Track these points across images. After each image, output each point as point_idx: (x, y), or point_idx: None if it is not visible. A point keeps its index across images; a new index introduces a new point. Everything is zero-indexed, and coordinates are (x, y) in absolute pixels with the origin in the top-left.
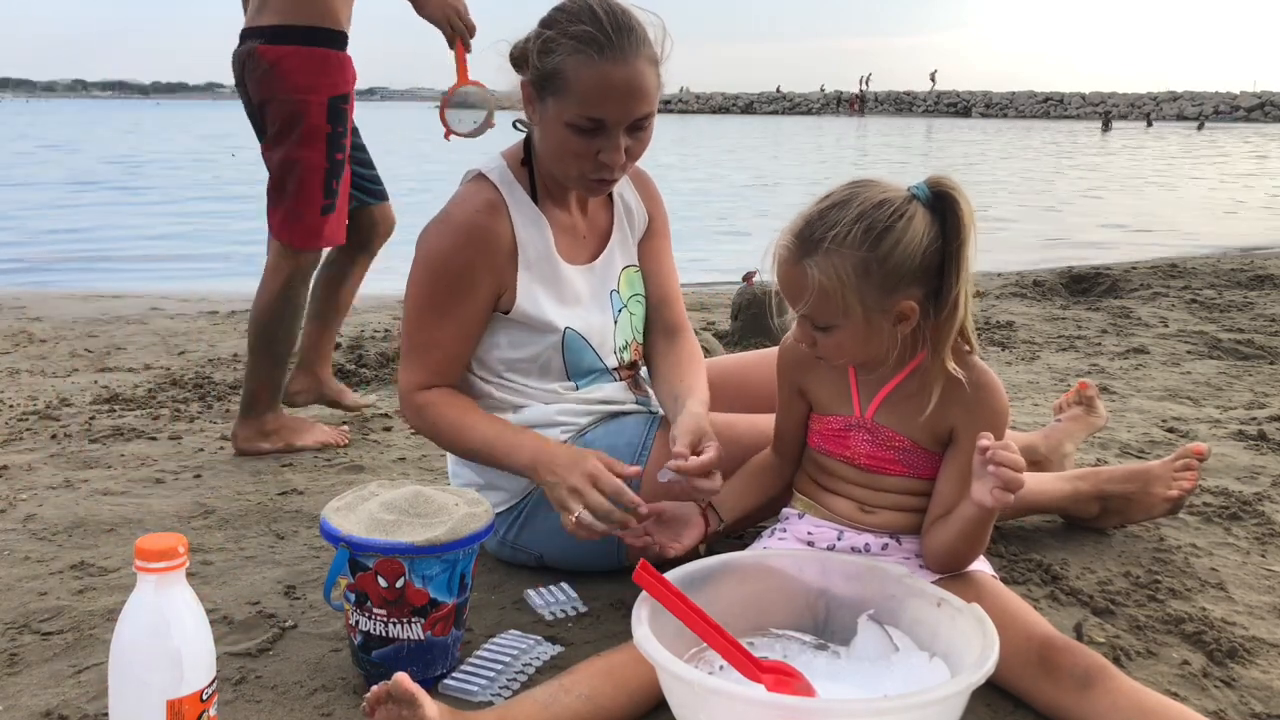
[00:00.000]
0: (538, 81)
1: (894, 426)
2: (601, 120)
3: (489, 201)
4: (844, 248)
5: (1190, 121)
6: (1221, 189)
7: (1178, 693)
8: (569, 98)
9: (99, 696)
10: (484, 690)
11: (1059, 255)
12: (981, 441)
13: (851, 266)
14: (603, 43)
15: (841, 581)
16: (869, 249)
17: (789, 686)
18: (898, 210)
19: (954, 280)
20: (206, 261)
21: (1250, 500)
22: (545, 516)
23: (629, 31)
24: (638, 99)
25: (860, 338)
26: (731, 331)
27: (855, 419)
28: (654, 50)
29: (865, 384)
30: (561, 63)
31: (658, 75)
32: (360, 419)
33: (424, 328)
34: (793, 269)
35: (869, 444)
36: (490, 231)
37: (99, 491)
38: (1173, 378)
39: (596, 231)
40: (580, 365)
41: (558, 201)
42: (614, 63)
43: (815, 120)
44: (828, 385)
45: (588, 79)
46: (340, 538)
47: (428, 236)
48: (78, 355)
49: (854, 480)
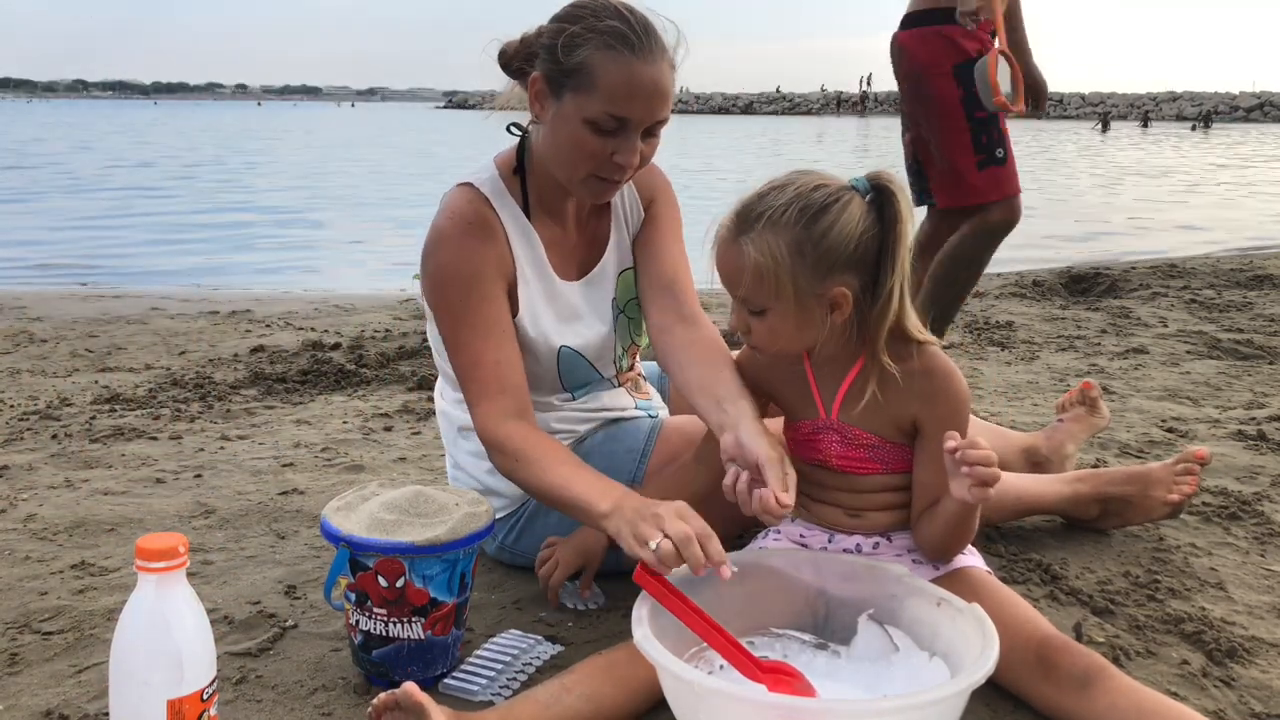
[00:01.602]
0: (556, 76)
1: (859, 424)
2: (625, 119)
3: (479, 213)
4: (779, 226)
5: (1190, 122)
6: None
7: (1177, 692)
8: (594, 94)
9: (99, 696)
10: (484, 690)
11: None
12: (948, 443)
13: (785, 244)
14: (634, 41)
15: (841, 581)
16: (803, 228)
17: (789, 686)
18: (834, 195)
19: (888, 272)
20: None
21: (1250, 500)
22: (544, 522)
23: (655, 33)
24: (662, 100)
25: (792, 322)
26: (732, 332)
27: (822, 421)
28: (673, 55)
29: (825, 384)
30: (589, 57)
31: (674, 81)
32: (361, 418)
33: (461, 348)
34: (729, 248)
35: (839, 444)
36: (488, 228)
37: (99, 491)
38: (1172, 378)
39: (590, 241)
40: (574, 379)
41: (551, 212)
42: (645, 61)
43: (817, 120)
44: (791, 389)
45: (617, 75)
46: (341, 537)
47: (426, 254)
48: (78, 355)
49: (834, 485)
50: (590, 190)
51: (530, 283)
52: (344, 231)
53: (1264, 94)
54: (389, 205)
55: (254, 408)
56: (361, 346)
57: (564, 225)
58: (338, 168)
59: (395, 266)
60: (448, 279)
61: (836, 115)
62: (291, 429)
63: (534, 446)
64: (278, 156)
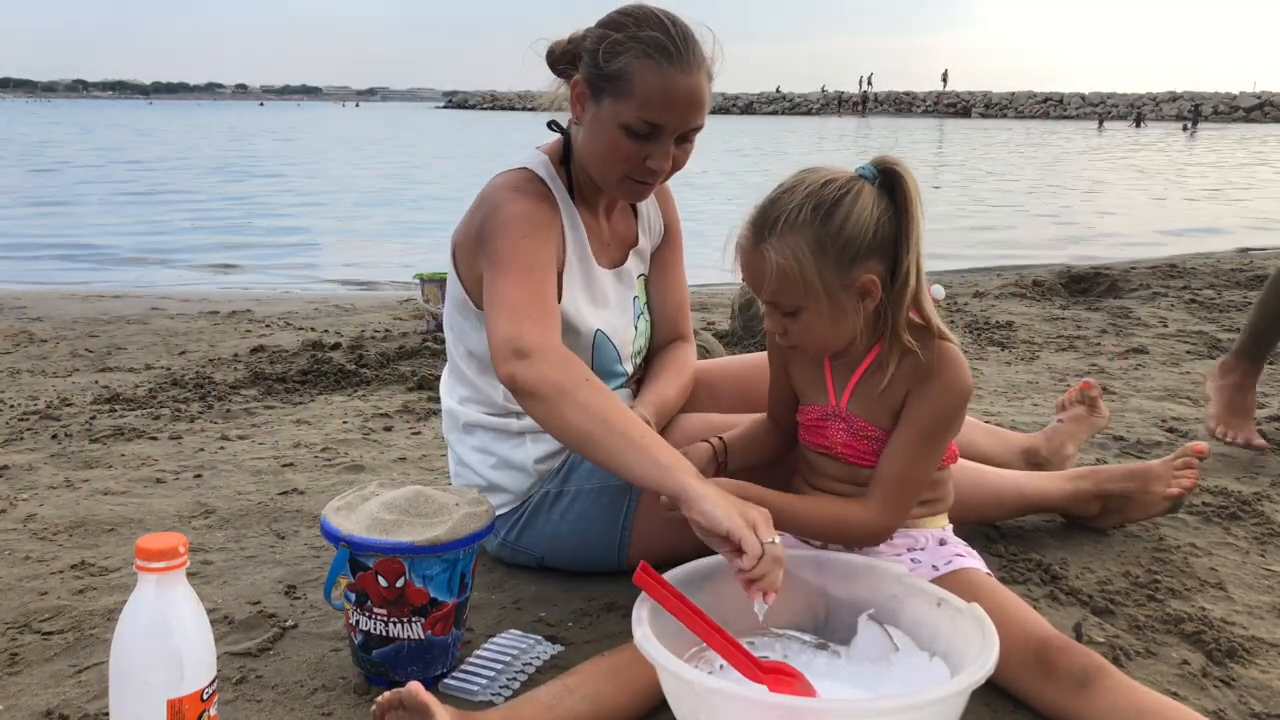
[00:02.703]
0: (596, 81)
1: (865, 416)
2: (660, 126)
3: (541, 191)
4: (796, 227)
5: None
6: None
7: (1177, 692)
8: (630, 100)
9: (99, 696)
10: (484, 690)
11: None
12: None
13: (805, 244)
14: (672, 52)
15: (841, 581)
16: (820, 225)
17: (790, 687)
18: (843, 187)
19: (905, 251)
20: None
21: (1250, 500)
22: (546, 518)
23: (694, 44)
24: (696, 109)
25: (827, 318)
26: (731, 331)
27: (831, 408)
28: (710, 66)
29: (839, 372)
30: (628, 65)
31: (710, 91)
32: (361, 418)
33: (521, 276)
34: (751, 255)
35: (845, 433)
36: (552, 202)
37: (99, 491)
38: (1172, 378)
39: (619, 239)
40: (605, 368)
41: (589, 204)
42: (682, 71)
43: (817, 120)
44: (807, 373)
45: (654, 84)
46: (341, 537)
47: (494, 208)
48: (78, 355)
49: (837, 476)
50: (625, 191)
51: (573, 264)
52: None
53: (1264, 94)
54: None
55: (254, 408)
56: (361, 346)
57: (597, 219)
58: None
59: (387, 272)
60: (526, 217)
61: (837, 115)
62: (291, 429)
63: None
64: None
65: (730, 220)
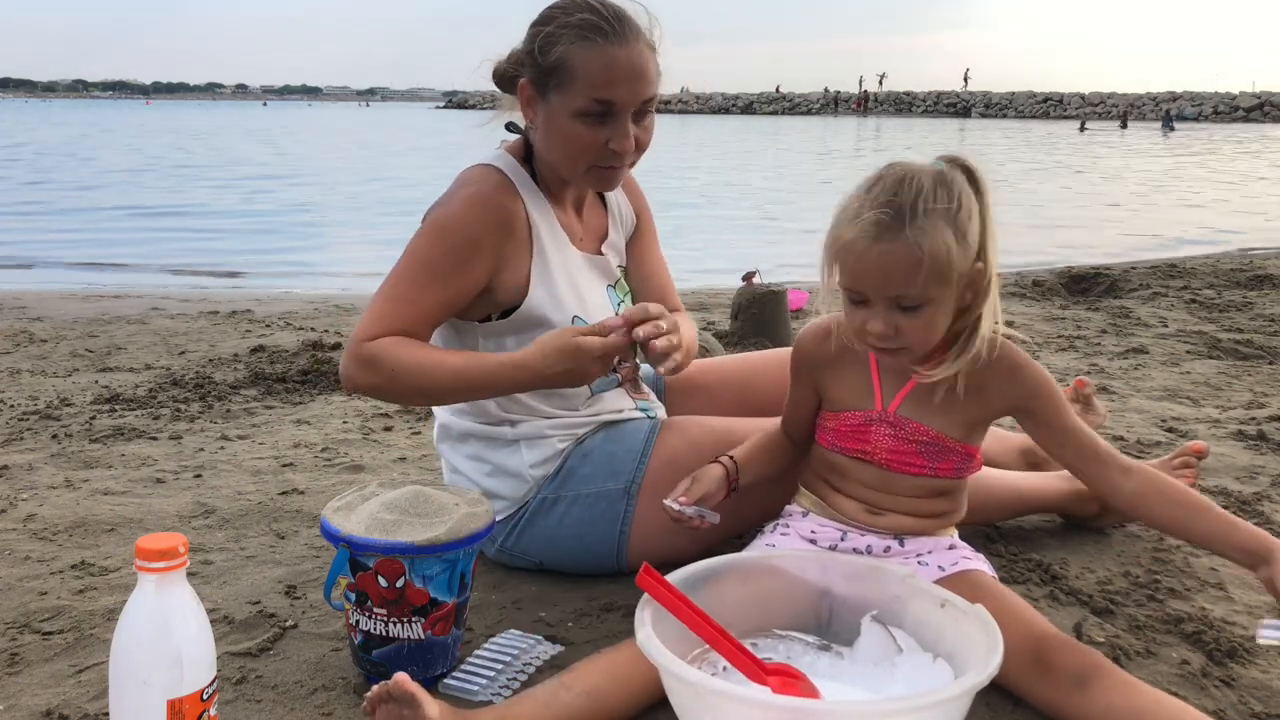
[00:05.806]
0: (539, 79)
1: (919, 418)
2: (611, 103)
3: (503, 183)
4: (935, 213)
5: (1189, 121)
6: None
7: (1177, 692)
8: (576, 86)
9: (99, 696)
10: (484, 690)
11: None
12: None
13: (950, 229)
14: (606, 29)
15: (844, 582)
16: (954, 211)
17: (793, 688)
18: (948, 176)
19: (985, 236)
20: None
21: (1250, 500)
22: (543, 524)
23: (627, 18)
24: (643, 80)
25: (946, 313)
26: (731, 331)
27: (876, 413)
28: (650, 37)
29: (889, 377)
30: (565, 52)
31: (656, 63)
32: (361, 418)
33: (413, 283)
34: (894, 245)
35: (890, 438)
36: (507, 211)
37: (99, 491)
38: (1172, 378)
39: (591, 232)
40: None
41: (556, 201)
42: (619, 45)
43: (818, 120)
44: (847, 381)
45: (594, 63)
46: (340, 537)
47: (443, 205)
48: (78, 355)
49: (867, 481)
50: (594, 180)
51: (546, 250)
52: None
53: (1264, 94)
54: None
55: (254, 408)
56: None
57: (566, 214)
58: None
59: (386, 270)
60: (449, 229)
61: (835, 115)
62: (291, 429)
63: (403, 342)
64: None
65: (735, 218)
